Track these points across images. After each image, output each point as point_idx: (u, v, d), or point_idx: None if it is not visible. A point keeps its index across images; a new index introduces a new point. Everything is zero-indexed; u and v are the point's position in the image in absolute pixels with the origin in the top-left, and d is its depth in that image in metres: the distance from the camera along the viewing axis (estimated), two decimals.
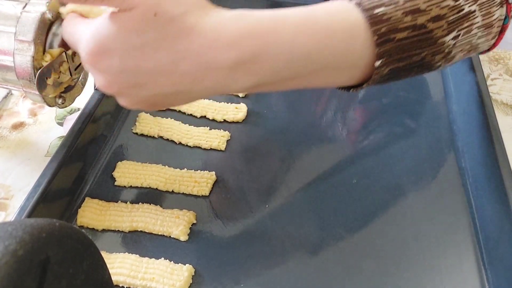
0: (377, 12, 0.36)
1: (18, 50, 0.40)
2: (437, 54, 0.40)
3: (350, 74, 0.38)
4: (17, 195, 0.48)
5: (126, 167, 0.47)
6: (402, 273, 0.39)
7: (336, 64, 0.37)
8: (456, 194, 0.45)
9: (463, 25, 0.39)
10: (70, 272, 0.28)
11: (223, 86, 0.34)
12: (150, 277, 0.38)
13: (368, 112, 0.54)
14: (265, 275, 0.39)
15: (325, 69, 0.37)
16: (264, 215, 0.44)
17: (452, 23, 0.39)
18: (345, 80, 0.39)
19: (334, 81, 0.39)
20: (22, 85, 0.41)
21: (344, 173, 0.47)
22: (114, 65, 0.33)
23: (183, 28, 0.32)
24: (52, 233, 0.27)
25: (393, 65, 0.38)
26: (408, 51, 0.38)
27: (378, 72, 0.38)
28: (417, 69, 0.40)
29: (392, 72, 0.38)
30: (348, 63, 0.37)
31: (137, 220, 0.42)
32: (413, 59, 0.38)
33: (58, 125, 0.55)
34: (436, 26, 0.38)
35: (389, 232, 0.42)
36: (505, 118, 0.55)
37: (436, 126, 0.52)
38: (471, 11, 0.39)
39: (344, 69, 0.38)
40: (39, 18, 0.40)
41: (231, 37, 0.33)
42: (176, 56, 0.33)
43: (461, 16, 0.38)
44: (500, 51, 0.64)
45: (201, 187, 0.45)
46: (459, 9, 0.39)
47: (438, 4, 0.38)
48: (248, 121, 0.53)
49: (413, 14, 0.37)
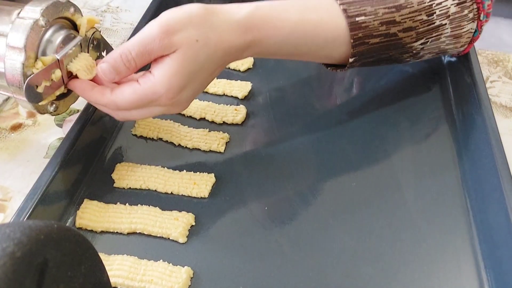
0: (358, 20, 0.44)
1: (9, 56, 0.39)
2: (404, 54, 0.48)
3: (329, 61, 0.49)
4: (15, 196, 0.48)
5: (125, 169, 0.47)
6: (400, 276, 0.39)
7: (319, 54, 0.47)
8: (455, 197, 0.45)
9: (432, 35, 0.49)
10: (68, 275, 0.28)
11: (238, 58, 0.44)
12: (149, 279, 0.38)
13: (369, 115, 0.54)
14: (264, 278, 0.39)
15: (308, 55, 0.47)
16: (263, 217, 0.44)
17: (422, 33, 0.47)
18: (325, 61, 0.50)
19: (317, 61, 0.50)
20: (12, 91, 0.40)
21: (343, 176, 0.47)
22: (190, 92, 0.42)
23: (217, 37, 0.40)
24: (50, 235, 0.27)
25: (364, 60, 0.47)
26: (378, 52, 0.47)
27: (352, 65, 0.47)
28: (385, 62, 0.49)
29: (363, 64, 0.48)
30: (328, 54, 0.47)
31: (136, 222, 0.42)
32: (381, 57, 0.48)
33: (57, 127, 0.55)
34: (405, 35, 0.46)
35: (388, 235, 0.42)
36: (504, 121, 0.55)
37: (435, 129, 0.52)
38: (442, 24, 0.46)
39: (325, 58, 0.48)
40: (31, 25, 0.39)
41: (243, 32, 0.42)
42: (220, 58, 0.42)
43: (431, 28, 0.46)
44: (499, 54, 0.64)
45: (200, 189, 0.45)
46: (430, 22, 0.46)
47: (412, 18, 0.46)
48: (247, 123, 0.53)
49: (388, 24, 0.45)
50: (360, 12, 0.44)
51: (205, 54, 0.40)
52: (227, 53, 0.42)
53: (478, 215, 0.43)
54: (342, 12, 0.44)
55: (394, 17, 0.45)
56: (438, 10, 0.45)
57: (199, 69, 0.40)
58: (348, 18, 0.44)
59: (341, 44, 0.45)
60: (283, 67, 0.60)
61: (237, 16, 0.42)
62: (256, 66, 0.60)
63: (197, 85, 0.42)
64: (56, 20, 0.41)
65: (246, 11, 0.43)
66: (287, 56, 0.47)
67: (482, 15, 0.47)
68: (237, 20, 0.42)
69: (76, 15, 0.43)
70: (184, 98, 0.41)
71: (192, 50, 0.39)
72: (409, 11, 0.45)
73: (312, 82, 0.59)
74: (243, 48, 0.43)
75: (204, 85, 0.43)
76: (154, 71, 0.40)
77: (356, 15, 0.44)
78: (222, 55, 0.42)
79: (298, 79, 0.59)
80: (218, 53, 0.41)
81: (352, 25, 0.44)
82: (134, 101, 0.40)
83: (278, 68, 0.60)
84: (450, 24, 0.46)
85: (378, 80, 0.58)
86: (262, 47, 0.44)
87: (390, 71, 0.59)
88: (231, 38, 0.41)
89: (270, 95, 0.56)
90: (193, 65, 0.40)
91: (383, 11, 0.44)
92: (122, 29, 0.70)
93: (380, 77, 0.58)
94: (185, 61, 0.39)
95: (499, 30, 1.88)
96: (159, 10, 0.63)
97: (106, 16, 0.73)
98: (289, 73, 0.59)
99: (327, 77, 0.59)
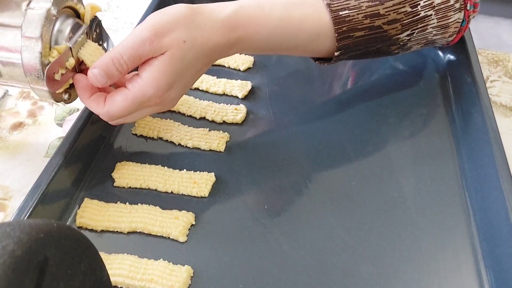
0: (341, 14, 0.45)
1: (26, 46, 0.40)
2: (392, 45, 0.48)
3: (317, 55, 0.49)
4: (16, 196, 0.48)
5: (125, 168, 0.47)
6: (400, 276, 0.39)
7: (306, 48, 0.47)
8: (455, 196, 0.45)
9: (417, 26, 0.47)
10: (68, 273, 0.28)
11: (224, 55, 0.45)
12: (149, 278, 0.38)
13: (369, 115, 0.54)
14: (264, 277, 0.39)
15: (295, 50, 0.48)
16: (263, 216, 0.44)
17: (406, 25, 0.46)
18: (313, 55, 0.50)
19: (304, 55, 0.50)
20: (29, 81, 0.41)
21: (343, 175, 0.47)
22: (178, 90, 0.43)
23: (202, 36, 0.42)
24: (50, 234, 0.27)
25: (350, 53, 0.47)
26: (364, 45, 0.47)
27: (337, 58, 0.48)
28: (374, 55, 0.49)
29: (350, 57, 0.48)
30: (314, 48, 0.47)
31: (136, 221, 0.42)
32: (369, 49, 0.48)
33: (57, 126, 0.55)
34: (390, 28, 0.46)
35: (387, 233, 0.42)
36: (504, 120, 0.55)
37: (435, 128, 0.52)
38: (427, 15, 0.46)
39: (312, 52, 0.48)
40: (45, 14, 0.40)
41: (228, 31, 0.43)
42: (206, 56, 0.43)
43: (416, 19, 0.46)
44: (499, 53, 0.64)
45: (200, 188, 0.45)
46: (414, 14, 0.46)
47: (396, 10, 0.47)
48: (247, 123, 0.53)
49: (372, 17, 0.45)
50: (343, 6, 0.45)
51: (192, 54, 0.41)
52: (212, 51, 0.43)
53: (478, 214, 0.43)
54: (325, 6, 0.45)
55: (378, 10, 0.45)
56: (422, 1, 0.45)
57: (186, 68, 0.42)
58: (332, 13, 0.45)
59: (326, 38, 0.46)
60: (284, 66, 0.60)
61: (221, 15, 0.43)
62: (256, 66, 0.60)
63: (184, 83, 0.43)
64: (62, 9, 0.42)
65: (230, 9, 0.43)
66: (274, 51, 0.48)
67: (469, 5, 0.47)
68: (222, 19, 0.43)
69: (79, 4, 0.44)
70: (172, 96, 0.43)
71: (180, 51, 0.40)
72: (392, 4, 0.45)
73: (313, 81, 0.59)
74: (228, 46, 0.44)
75: (191, 82, 0.44)
76: (142, 73, 0.41)
77: (340, 9, 0.45)
78: (208, 53, 0.43)
79: (298, 79, 0.59)
80: (204, 52, 0.42)
81: (336, 19, 0.45)
82: (126, 108, 0.41)
83: (278, 67, 0.60)
84: (436, 15, 0.46)
85: (378, 80, 0.58)
86: (247, 44, 0.45)
87: (390, 70, 0.59)
88: (216, 37, 0.42)
89: (270, 94, 0.56)
90: (180, 65, 0.41)
91: (366, 5, 0.45)
92: (122, 28, 0.70)
93: (380, 76, 0.59)
94: (172, 62, 0.40)
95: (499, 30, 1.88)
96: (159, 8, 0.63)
97: (106, 15, 0.73)
98: (289, 72, 0.59)
99: (328, 76, 0.59)
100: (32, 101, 0.59)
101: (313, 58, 0.51)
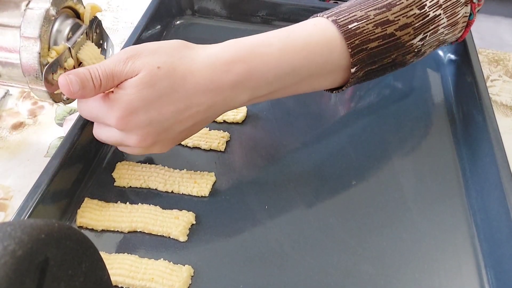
0: (351, 27, 0.42)
1: (24, 47, 0.40)
2: (407, 54, 0.46)
3: (331, 79, 0.45)
4: (16, 195, 0.48)
5: (125, 168, 0.47)
6: (401, 276, 0.39)
7: (318, 73, 0.43)
8: (455, 196, 0.45)
9: (429, 28, 0.47)
10: (69, 274, 0.28)
11: (229, 102, 0.41)
12: (149, 278, 0.38)
13: (369, 115, 0.54)
14: (264, 277, 0.39)
15: (309, 78, 0.43)
16: (264, 216, 0.44)
17: (418, 28, 0.45)
18: (328, 84, 0.45)
19: (319, 86, 0.45)
20: (28, 81, 0.41)
21: (343, 175, 0.47)
22: (142, 119, 0.39)
23: (185, 68, 0.39)
24: (51, 234, 0.27)
25: (367, 68, 0.44)
26: (379, 56, 0.44)
27: (355, 76, 0.44)
28: (391, 68, 0.47)
29: (367, 73, 0.45)
30: (328, 71, 0.43)
31: (137, 221, 0.42)
32: (384, 61, 0.45)
33: (58, 126, 0.55)
34: (403, 33, 0.44)
35: (388, 234, 0.42)
36: (504, 120, 0.55)
37: (435, 128, 0.52)
38: (436, 15, 0.45)
39: (326, 76, 0.44)
40: (44, 14, 0.40)
41: (225, 64, 0.40)
42: (188, 93, 0.39)
43: (426, 21, 0.45)
44: (499, 53, 0.64)
45: (200, 188, 0.45)
46: (424, 15, 0.45)
47: (405, 14, 0.44)
48: (247, 122, 0.53)
49: (383, 25, 0.43)
50: (351, 19, 0.43)
51: (166, 84, 0.38)
52: (201, 91, 0.39)
53: (479, 214, 0.43)
54: (332, 23, 0.43)
55: (387, 16, 0.43)
56: (429, 1, 0.44)
57: (157, 98, 0.38)
58: (340, 28, 0.42)
59: (339, 56, 0.43)
60: None
61: (216, 49, 0.41)
62: None
63: (155, 116, 0.39)
64: (62, 10, 0.42)
65: (225, 44, 0.41)
66: (289, 86, 0.43)
67: None
68: (218, 56, 0.40)
69: (79, 4, 0.44)
70: (134, 123, 0.39)
71: (151, 76, 0.38)
72: (400, 8, 0.43)
73: None
74: (232, 84, 0.40)
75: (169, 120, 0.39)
76: (115, 90, 0.40)
77: (348, 23, 0.42)
78: (194, 93, 0.39)
79: None
80: (186, 87, 0.39)
81: (346, 33, 0.42)
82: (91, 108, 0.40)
83: None
84: (445, 13, 0.45)
85: (378, 80, 0.58)
86: (254, 80, 0.40)
87: None
88: (207, 72, 0.39)
89: None
90: (149, 91, 0.38)
91: (374, 13, 0.43)
92: (122, 28, 0.70)
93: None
94: (140, 85, 0.38)
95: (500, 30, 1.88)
96: (159, 8, 0.63)
97: (107, 15, 0.73)
98: None
99: None
100: (33, 101, 0.59)
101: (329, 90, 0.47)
